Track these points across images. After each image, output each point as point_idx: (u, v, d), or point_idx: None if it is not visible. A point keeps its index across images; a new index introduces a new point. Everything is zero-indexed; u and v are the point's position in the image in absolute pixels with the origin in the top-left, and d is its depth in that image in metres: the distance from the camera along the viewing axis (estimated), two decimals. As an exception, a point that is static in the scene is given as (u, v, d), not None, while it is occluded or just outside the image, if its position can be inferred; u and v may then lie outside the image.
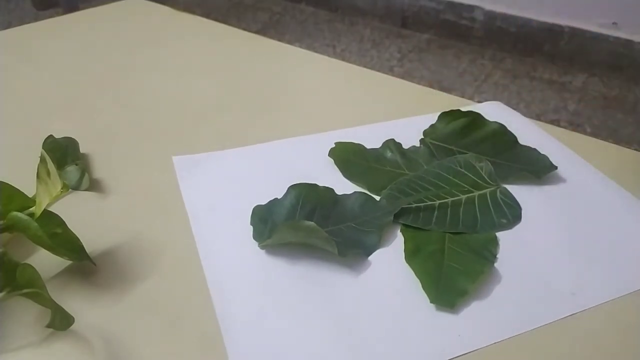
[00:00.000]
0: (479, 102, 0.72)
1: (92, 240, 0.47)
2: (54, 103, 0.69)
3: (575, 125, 1.69)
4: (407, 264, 0.46)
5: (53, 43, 0.84)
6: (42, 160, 0.43)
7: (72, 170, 0.55)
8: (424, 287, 0.44)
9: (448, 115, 0.62)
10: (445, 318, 0.42)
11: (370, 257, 0.47)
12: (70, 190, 0.54)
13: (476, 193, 0.53)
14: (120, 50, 0.82)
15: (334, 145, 0.59)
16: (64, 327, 0.40)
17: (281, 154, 0.60)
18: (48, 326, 0.39)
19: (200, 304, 0.43)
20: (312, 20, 2.44)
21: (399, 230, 0.50)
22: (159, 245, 0.48)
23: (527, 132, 0.63)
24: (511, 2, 2.09)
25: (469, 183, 0.53)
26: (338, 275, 0.45)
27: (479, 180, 0.54)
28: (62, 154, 0.57)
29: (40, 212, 0.43)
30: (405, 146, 0.60)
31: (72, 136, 0.60)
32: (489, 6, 2.14)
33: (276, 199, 0.51)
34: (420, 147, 0.60)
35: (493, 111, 0.67)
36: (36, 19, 0.94)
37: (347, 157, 0.58)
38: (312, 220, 0.46)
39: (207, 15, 1.17)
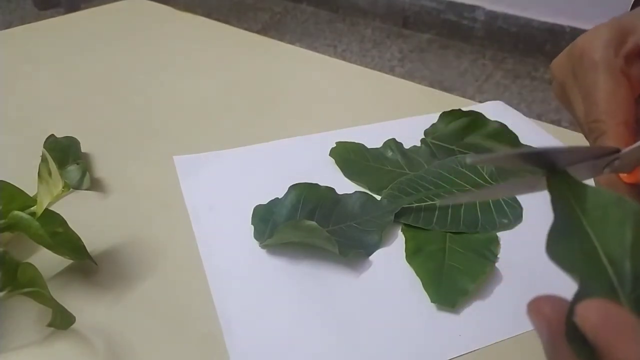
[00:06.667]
0: (480, 102, 0.72)
1: (93, 239, 0.47)
2: (55, 102, 0.69)
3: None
4: (408, 264, 0.46)
5: (54, 43, 0.84)
6: (44, 159, 0.43)
7: (73, 170, 0.55)
8: (424, 287, 0.44)
9: (449, 115, 0.62)
10: (446, 318, 0.42)
11: (371, 257, 0.47)
12: (71, 189, 0.54)
13: (477, 193, 0.53)
14: (121, 50, 0.82)
15: (334, 145, 0.59)
16: (65, 326, 0.40)
17: (282, 154, 0.60)
18: (49, 325, 0.39)
19: (201, 304, 0.43)
20: (312, 21, 2.44)
21: (399, 230, 0.50)
22: (160, 244, 0.48)
23: (528, 132, 0.63)
24: (512, 2, 2.09)
25: (470, 183, 0.53)
26: (339, 275, 0.45)
27: (480, 180, 0.54)
28: (64, 153, 0.57)
29: (42, 211, 0.43)
30: (406, 146, 0.60)
31: (74, 135, 0.60)
32: (490, 6, 2.14)
33: (277, 198, 0.51)
34: (421, 146, 0.60)
35: (494, 111, 0.67)
36: (37, 19, 0.94)
37: (347, 156, 0.58)
38: (313, 220, 0.46)
39: (208, 15, 1.17)
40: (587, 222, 0.24)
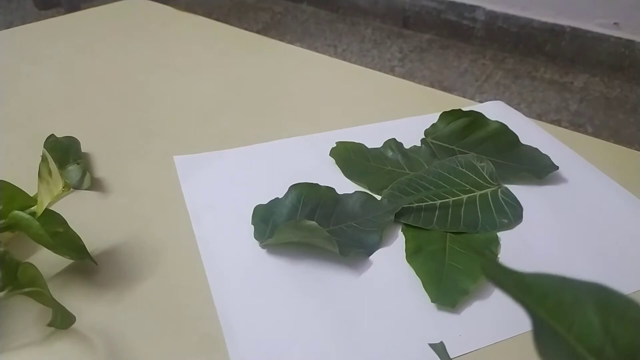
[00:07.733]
0: (480, 102, 0.72)
1: (93, 239, 0.47)
2: (56, 102, 0.69)
3: (576, 125, 1.69)
4: (408, 264, 0.46)
5: (54, 43, 0.84)
6: (44, 159, 0.43)
7: (73, 170, 0.55)
8: (425, 287, 0.44)
9: (449, 115, 0.62)
10: (446, 318, 0.42)
11: (371, 257, 0.47)
12: (71, 189, 0.54)
13: (477, 193, 0.53)
14: (122, 50, 0.82)
15: (335, 145, 0.59)
16: (65, 326, 0.40)
17: (282, 154, 0.60)
18: (49, 325, 0.39)
19: (201, 303, 0.43)
20: (313, 20, 2.44)
21: (400, 230, 0.50)
22: (160, 244, 0.48)
23: (529, 132, 0.63)
24: (512, 2, 2.09)
25: (470, 183, 0.53)
26: (339, 275, 0.45)
27: (480, 180, 0.54)
28: (64, 153, 0.57)
29: (42, 211, 0.43)
30: (407, 146, 0.60)
31: (74, 135, 0.60)
32: (490, 6, 2.13)
33: (277, 198, 0.51)
34: (421, 146, 0.60)
35: (494, 111, 0.67)
36: (38, 19, 0.94)
37: (348, 156, 0.58)
38: (313, 220, 0.46)
39: (208, 15, 1.17)
40: (548, 316, 0.21)
